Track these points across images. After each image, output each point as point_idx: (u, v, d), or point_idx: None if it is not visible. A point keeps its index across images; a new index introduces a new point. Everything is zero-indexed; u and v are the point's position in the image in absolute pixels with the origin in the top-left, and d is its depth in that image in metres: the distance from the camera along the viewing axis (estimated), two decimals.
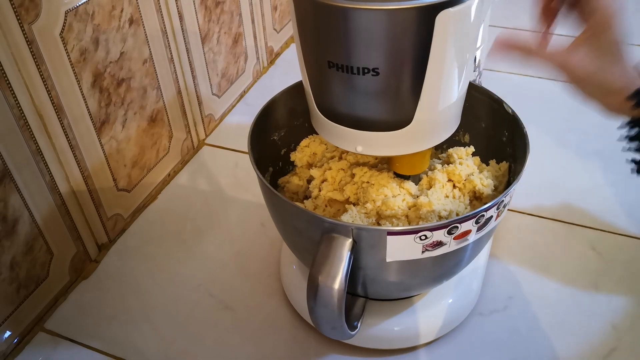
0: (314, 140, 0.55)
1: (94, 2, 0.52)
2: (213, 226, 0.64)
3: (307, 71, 0.39)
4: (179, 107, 0.70)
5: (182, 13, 0.67)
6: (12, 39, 0.45)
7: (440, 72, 0.36)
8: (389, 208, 0.45)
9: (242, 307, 0.55)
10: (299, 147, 0.55)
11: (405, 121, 0.38)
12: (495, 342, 0.51)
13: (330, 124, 0.40)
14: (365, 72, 0.35)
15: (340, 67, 0.35)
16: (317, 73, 0.39)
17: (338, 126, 0.40)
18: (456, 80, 0.38)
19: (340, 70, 0.36)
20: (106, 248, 0.62)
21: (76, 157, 0.55)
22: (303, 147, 0.55)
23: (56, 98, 0.51)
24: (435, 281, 0.48)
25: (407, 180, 0.47)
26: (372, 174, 0.48)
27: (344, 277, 0.38)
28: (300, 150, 0.55)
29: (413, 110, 0.37)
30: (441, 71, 0.36)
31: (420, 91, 0.36)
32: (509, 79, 0.84)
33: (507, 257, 0.59)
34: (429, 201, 0.45)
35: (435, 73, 0.36)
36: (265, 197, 0.47)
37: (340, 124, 0.40)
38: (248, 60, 0.86)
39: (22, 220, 0.50)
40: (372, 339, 0.49)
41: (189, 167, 0.73)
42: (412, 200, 0.46)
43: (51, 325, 0.54)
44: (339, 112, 0.39)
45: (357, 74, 0.35)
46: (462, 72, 0.38)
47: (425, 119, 0.38)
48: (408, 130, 0.38)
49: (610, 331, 0.52)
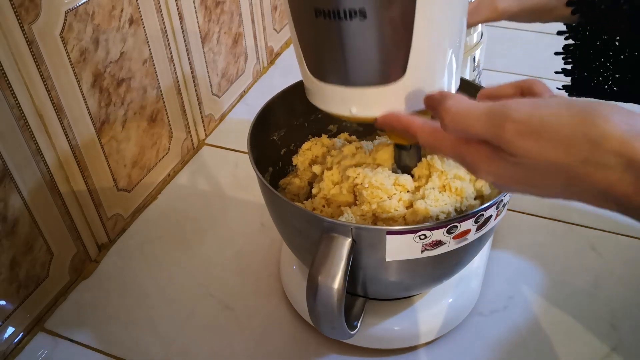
0: (315, 143, 0.55)
1: (94, 2, 0.52)
2: (213, 226, 0.64)
3: (296, 29, 0.38)
4: (179, 107, 0.70)
5: (182, 13, 0.67)
6: (12, 39, 0.45)
7: (431, 13, 0.34)
8: (384, 211, 0.44)
9: (242, 307, 0.55)
10: (301, 149, 0.55)
11: (399, 72, 0.36)
12: (495, 342, 0.51)
13: (322, 87, 0.39)
14: (352, 15, 0.34)
15: (327, 13, 0.34)
16: (306, 28, 0.38)
17: (331, 88, 0.38)
18: (448, 26, 0.36)
19: (327, 17, 0.34)
20: (106, 248, 0.62)
21: (76, 157, 0.55)
22: (305, 149, 0.55)
23: (56, 98, 0.51)
24: (435, 281, 0.48)
25: (403, 175, 0.46)
26: (365, 175, 0.46)
27: (343, 277, 0.38)
28: (302, 154, 0.55)
29: (405, 60, 0.36)
30: (432, 13, 0.34)
31: (411, 37, 0.35)
32: (509, 78, 0.83)
33: (507, 257, 0.59)
34: (425, 207, 0.44)
35: (425, 15, 0.34)
36: (265, 197, 0.47)
37: (332, 83, 0.38)
38: (248, 60, 0.86)
39: (22, 220, 0.50)
40: (372, 338, 0.49)
41: (189, 167, 0.73)
42: (408, 197, 0.45)
43: (51, 325, 0.54)
44: (330, 69, 0.38)
45: (345, 18, 0.34)
46: (456, 20, 0.36)
47: (420, 70, 0.36)
48: (402, 83, 0.37)
49: (610, 331, 0.52)
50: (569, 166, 0.27)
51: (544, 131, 0.27)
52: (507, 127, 0.28)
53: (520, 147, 0.28)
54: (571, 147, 0.26)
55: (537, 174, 0.28)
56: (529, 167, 0.28)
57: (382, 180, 0.45)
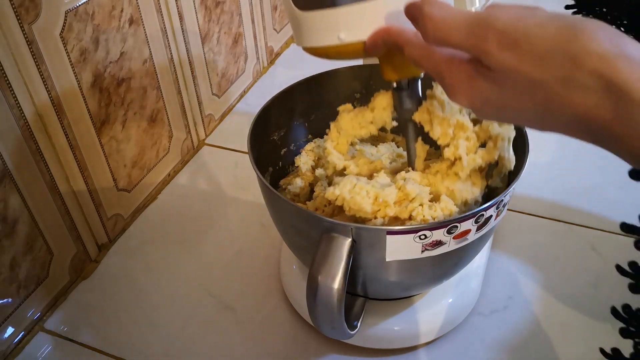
0: (318, 145, 0.55)
1: (94, 2, 0.52)
2: (213, 226, 0.64)
3: None
4: (179, 107, 0.70)
5: (182, 13, 0.67)
6: (12, 39, 0.45)
7: None
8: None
9: (242, 307, 0.55)
10: (304, 150, 0.55)
11: None
12: (495, 342, 0.51)
13: (309, 17, 0.38)
14: None
15: None
16: None
17: (318, 14, 0.37)
18: None
19: None
20: (106, 248, 0.62)
21: (76, 157, 0.55)
22: (307, 150, 0.55)
23: (56, 98, 0.51)
24: (435, 281, 0.48)
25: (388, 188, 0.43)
26: (343, 197, 0.43)
27: (343, 277, 0.38)
28: (305, 155, 0.55)
29: None
30: None
31: None
32: None
33: (507, 257, 0.59)
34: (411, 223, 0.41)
35: None
36: (265, 197, 0.47)
37: (318, 8, 0.37)
38: (248, 60, 0.86)
39: (22, 220, 0.50)
40: (372, 338, 0.49)
41: (189, 167, 0.73)
42: (393, 212, 0.42)
43: (51, 325, 0.54)
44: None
45: None
46: None
47: None
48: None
49: (610, 331, 0.51)
50: (547, 84, 0.25)
51: (525, 43, 0.25)
52: (489, 37, 0.26)
53: (500, 60, 0.26)
54: (550, 63, 0.25)
55: (514, 94, 0.27)
56: (507, 86, 0.27)
57: (361, 203, 0.42)
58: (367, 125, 0.46)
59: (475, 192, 0.45)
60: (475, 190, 0.45)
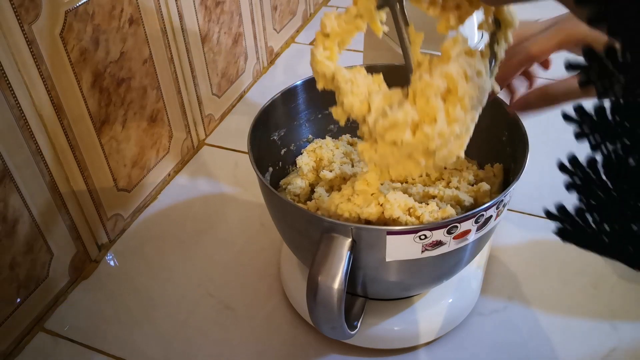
0: (320, 146, 0.55)
1: (94, 2, 0.52)
2: (213, 226, 0.64)
3: None
4: (179, 107, 0.70)
5: (182, 13, 0.67)
6: (12, 39, 0.45)
7: None
8: None
9: (242, 307, 0.55)
10: (306, 151, 0.55)
11: None
12: (495, 342, 0.51)
13: None
14: None
15: None
16: None
17: None
18: None
19: None
20: (106, 248, 0.62)
21: (76, 157, 0.55)
22: (309, 151, 0.55)
23: (56, 98, 0.51)
24: (435, 281, 0.48)
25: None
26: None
27: (343, 277, 0.38)
28: (306, 155, 0.55)
29: None
30: None
31: None
32: None
33: (507, 257, 0.59)
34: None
35: None
36: (265, 197, 0.47)
37: None
38: (248, 60, 0.86)
39: (22, 220, 0.50)
40: (372, 338, 0.49)
41: (189, 167, 0.73)
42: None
43: (51, 325, 0.54)
44: None
45: None
46: None
47: None
48: None
49: (610, 331, 0.52)
50: None
51: None
52: None
53: None
54: None
55: None
56: None
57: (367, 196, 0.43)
58: (353, 21, 0.41)
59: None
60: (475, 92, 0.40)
